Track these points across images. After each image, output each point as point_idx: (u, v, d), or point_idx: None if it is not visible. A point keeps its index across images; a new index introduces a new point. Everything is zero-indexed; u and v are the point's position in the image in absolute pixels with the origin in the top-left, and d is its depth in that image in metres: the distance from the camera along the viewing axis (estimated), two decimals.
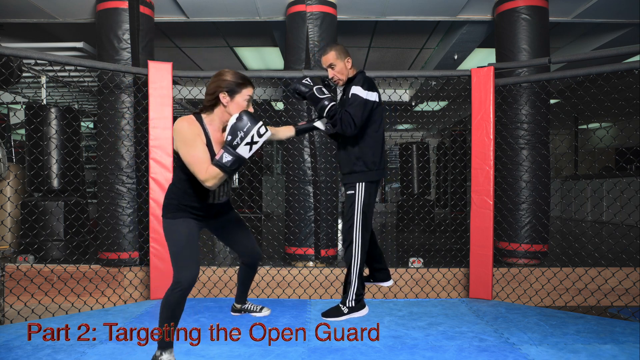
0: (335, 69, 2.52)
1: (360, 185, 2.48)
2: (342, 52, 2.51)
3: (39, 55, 3.13)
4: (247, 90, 1.97)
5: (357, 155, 2.47)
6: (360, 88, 2.41)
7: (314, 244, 3.99)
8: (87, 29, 4.75)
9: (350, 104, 2.39)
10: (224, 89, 1.93)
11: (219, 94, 1.93)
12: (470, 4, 4.45)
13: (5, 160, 4.38)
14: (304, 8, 4.00)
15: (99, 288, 3.62)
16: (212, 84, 1.95)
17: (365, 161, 2.47)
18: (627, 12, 4.52)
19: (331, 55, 2.51)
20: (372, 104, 2.43)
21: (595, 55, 3.49)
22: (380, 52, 6.54)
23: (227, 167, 1.80)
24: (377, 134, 2.50)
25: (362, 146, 2.47)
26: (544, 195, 3.88)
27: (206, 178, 1.81)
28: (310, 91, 2.44)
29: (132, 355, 2.28)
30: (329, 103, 2.42)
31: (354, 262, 2.49)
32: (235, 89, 1.94)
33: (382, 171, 2.53)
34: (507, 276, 3.65)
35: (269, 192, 9.53)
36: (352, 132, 2.38)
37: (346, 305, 2.61)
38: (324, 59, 2.53)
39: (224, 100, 1.93)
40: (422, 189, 7.05)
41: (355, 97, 2.40)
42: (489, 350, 2.35)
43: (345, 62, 2.51)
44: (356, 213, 2.47)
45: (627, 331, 2.64)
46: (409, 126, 12.61)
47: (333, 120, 2.40)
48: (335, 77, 2.54)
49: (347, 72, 2.53)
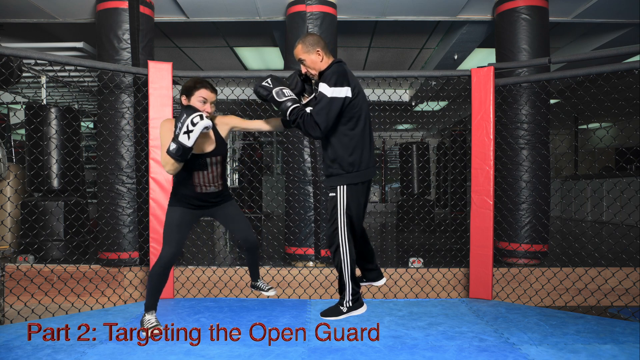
0: (305, 63, 2.30)
1: (342, 189, 2.29)
2: (311, 43, 2.27)
3: (39, 55, 3.13)
4: (199, 92, 2.29)
5: (332, 157, 2.27)
6: (326, 85, 2.16)
7: (314, 244, 3.99)
8: (87, 29, 4.75)
9: (316, 104, 2.18)
10: (183, 93, 2.33)
11: (181, 97, 2.34)
12: (470, 4, 4.45)
13: (5, 160, 4.38)
14: (304, 8, 4.00)
15: (99, 288, 3.62)
16: None
17: (341, 163, 2.25)
18: (627, 12, 4.52)
19: (298, 49, 2.29)
20: (342, 100, 2.17)
21: (595, 55, 3.49)
22: (380, 52, 6.54)
23: (173, 154, 2.13)
24: (354, 132, 2.25)
25: (336, 147, 2.25)
26: (544, 195, 3.88)
27: (163, 164, 2.22)
28: (270, 94, 2.25)
29: (132, 355, 2.28)
30: (291, 105, 2.21)
31: (344, 265, 2.38)
32: (190, 91, 2.30)
33: (366, 172, 2.31)
34: (507, 276, 3.65)
35: (269, 192, 9.53)
36: (319, 135, 2.17)
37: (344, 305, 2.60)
38: (294, 53, 2.33)
39: (184, 102, 2.32)
40: (422, 189, 7.05)
41: (320, 97, 2.17)
42: (489, 350, 2.35)
43: (315, 54, 2.27)
44: (339, 216, 2.31)
45: (627, 331, 2.64)
46: (409, 126, 12.61)
47: (296, 124, 2.20)
48: (308, 73, 2.33)
49: (318, 64, 2.29)
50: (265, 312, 3.07)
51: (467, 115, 4.51)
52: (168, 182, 3.39)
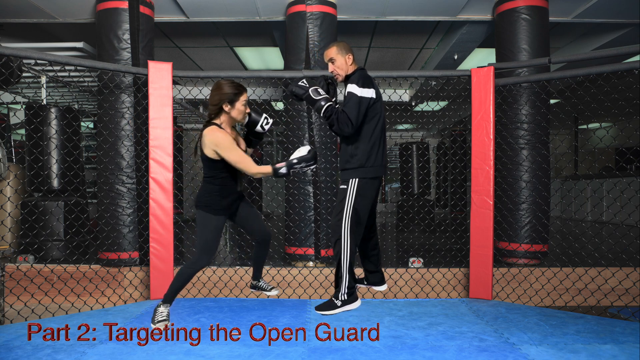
0: (335, 64, 2.54)
1: (354, 181, 2.48)
2: (344, 48, 2.55)
3: (39, 55, 3.13)
4: (243, 97, 2.34)
5: (352, 152, 2.47)
6: (355, 86, 2.43)
7: (314, 244, 4.00)
8: (87, 29, 4.75)
9: (346, 103, 2.41)
10: (226, 100, 2.30)
11: (222, 104, 2.31)
12: (470, 4, 4.45)
13: (5, 160, 4.38)
14: (304, 8, 4.00)
15: (99, 288, 3.62)
16: (214, 96, 2.31)
17: (360, 158, 2.47)
18: (627, 12, 4.52)
19: (333, 49, 2.55)
20: (368, 100, 2.43)
21: (595, 55, 3.49)
22: (380, 52, 6.54)
23: (280, 174, 2.25)
24: (374, 131, 2.50)
25: (358, 143, 2.47)
26: (544, 195, 3.88)
27: (257, 171, 2.28)
28: (306, 93, 2.46)
29: (132, 355, 2.28)
30: (326, 103, 2.43)
31: (343, 257, 2.47)
32: (234, 98, 2.31)
33: (379, 168, 2.51)
34: (507, 276, 3.65)
35: (269, 192, 9.53)
36: (350, 131, 2.40)
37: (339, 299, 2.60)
38: (326, 53, 2.57)
39: (227, 109, 2.32)
40: (422, 189, 7.05)
41: (350, 96, 2.41)
42: (489, 350, 2.35)
43: (346, 58, 2.54)
44: (346, 208, 2.46)
45: (627, 331, 2.64)
46: (409, 126, 12.61)
47: (330, 120, 2.42)
48: (335, 72, 2.56)
49: (346, 68, 2.55)
50: (265, 312, 3.07)
51: (467, 115, 4.51)
52: (168, 182, 3.39)
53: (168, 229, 3.42)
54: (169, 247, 3.41)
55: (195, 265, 2.36)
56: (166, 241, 3.41)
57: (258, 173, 2.28)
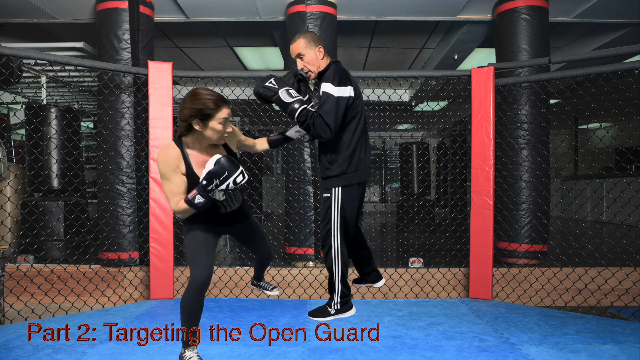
0: (304, 59, 2.24)
1: (337, 190, 2.25)
2: (312, 39, 2.24)
3: (39, 55, 3.13)
4: (221, 114, 1.82)
5: (332, 158, 2.22)
6: (331, 85, 2.13)
7: (314, 244, 4.00)
8: (87, 29, 4.75)
9: (322, 104, 2.12)
10: (196, 117, 1.79)
11: (191, 121, 1.80)
12: (470, 4, 4.45)
13: (5, 160, 4.38)
14: (304, 8, 4.00)
15: (99, 288, 3.61)
16: (184, 109, 1.80)
17: (341, 164, 2.22)
18: (627, 12, 4.52)
19: (300, 43, 2.24)
20: (347, 100, 2.14)
21: (595, 55, 3.49)
22: (380, 52, 6.54)
23: (199, 207, 1.83)
24: (354, 133, 2.23)
25: (337, 148, 2.21)
26: (544, 195, 3.88)
27: (176, 210, 1.88)
28: (275, 95, 2.13)
29: (132, 355, 2.28)
30: (299, 107, 2.11)
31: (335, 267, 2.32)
32: (209, 114, 1.80)
33: (363, 173, 2.28)
34: (507, 276, 3.65)
35: (269, 192, 9.53)
36: (329, 136, 2.12)
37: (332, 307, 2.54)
38: (292, 48, 2.26)
39: (197, 127, 1.81)
40: (422, 189, 7.05)
41: (326, 97, 2.12)
42: (489, 350, 2.35)
43: (316, 51, 2.23)
44: (333, 218, 2.26)
45: (627, 331, 2.64)
46: (409, 126, 12.61)
47: (305, 125, 2.12)
48: (305, 69, 2.26)
49: (318, 62, 2.25)
50: (265, 312, 3.07)
51: (467, 115, 4.50)
52: None
53: (168, 229, 3.42)
54: (169, 247, 3.41)
55: (191, 285, 1.92)
56: (166, 241, 3.41)
57: (177, 212, 1.88)
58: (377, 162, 13.19)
